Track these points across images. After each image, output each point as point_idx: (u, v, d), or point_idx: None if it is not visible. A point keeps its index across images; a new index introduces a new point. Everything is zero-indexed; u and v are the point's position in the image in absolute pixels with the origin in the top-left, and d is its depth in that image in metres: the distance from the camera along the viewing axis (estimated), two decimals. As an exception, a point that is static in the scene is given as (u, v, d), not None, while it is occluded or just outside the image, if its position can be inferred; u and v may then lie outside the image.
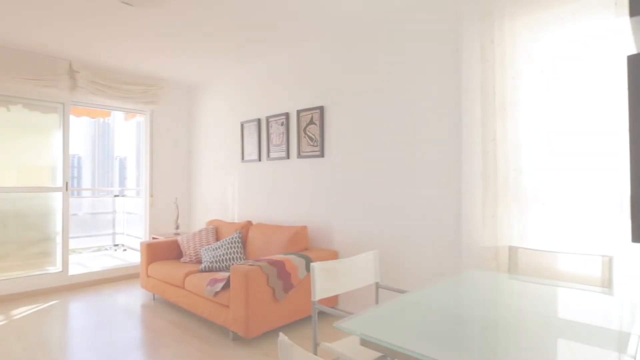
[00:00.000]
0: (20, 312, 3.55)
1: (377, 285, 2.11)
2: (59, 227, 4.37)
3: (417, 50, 2.89)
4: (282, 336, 0.87)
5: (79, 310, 3.60)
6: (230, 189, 4.71)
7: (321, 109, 3.57)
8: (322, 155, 3.57)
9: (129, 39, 3.61)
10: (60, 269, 4.33)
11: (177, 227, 4.78)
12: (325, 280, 1.80)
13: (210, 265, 3.48)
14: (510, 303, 1.56)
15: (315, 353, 1.75)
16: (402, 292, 1.94)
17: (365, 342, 1.15)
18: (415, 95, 2.91)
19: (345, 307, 3.40)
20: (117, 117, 5.40)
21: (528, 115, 2.27)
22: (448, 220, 2.71)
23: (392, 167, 3.05)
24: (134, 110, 5.02)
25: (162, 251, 4.01)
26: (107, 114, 5.05)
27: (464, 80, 2.55)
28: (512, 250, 2.18)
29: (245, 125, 4.47)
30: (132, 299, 3.94)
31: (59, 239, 4.37)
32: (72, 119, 4.49)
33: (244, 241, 3.85)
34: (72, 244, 4.60)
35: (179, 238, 4.10)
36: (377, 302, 2.13)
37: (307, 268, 3.07)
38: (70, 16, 3.12)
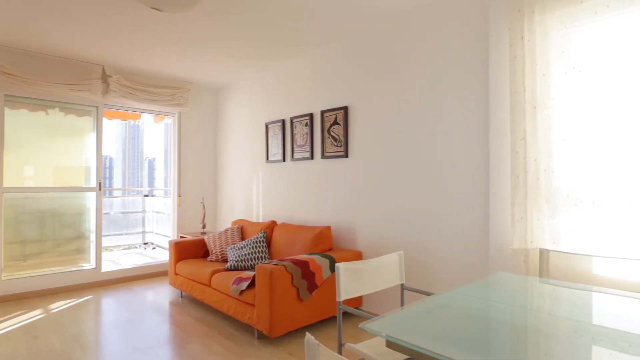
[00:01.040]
0: (57, 306, 3.72)
1: (402, 287, 2.08)
2: (92, 226, 4.55)
3: (444, 48, 2.84)
4: (308, 336, 0.87)
5: (111, 306, 3.73)
6: (255, 189, 4.77)
7: (345, 109, 3.57)
8: (346, 155, 3.56)
9: (158, 44, 3.73)
10: (94, 266, 4.51)
11: (204, 227, 4.88)
12: (350, 281, 1.80)
13: (235, 264, 3.54)
14: (541, 307, 1.51)
15: (340, 353, 1.75)
16: (427, 294, 1.91)
17: (391, 344, 1.14)
18: (441, 94, 2.86)
19: (368, 308, 3.38)
20: (147, 119, 5.57)
21: (560, 113, 2.19)
22: (475, 222, 2.65)
23: (417, 167, 3.01)
24: (162, 112, 5.17)
25: (190, 250, 4.11)
26: (137, 116, 5.22)
27: (492, 77, 2.48)
28: (543, 253, 2.10)
29: (269, 126, 4.52)
30: (160, 296, 4.06)
31: (92, 237, 4.56)
32: (105, 121, 4.66)
33: (268, 241, 3.90)
34: (104, 242, 4.79)
35: (205, 237, 4.19)
36: (402, 304, 2.11)
37: (331, 268, 3.08)
38: (104, 23, 3.24)
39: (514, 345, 1.15)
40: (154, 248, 7.14)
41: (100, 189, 4.55)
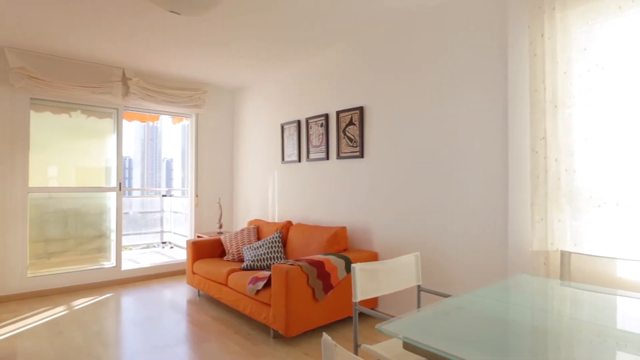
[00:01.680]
0: (79, 303, 3.83)
1: (419, 288, 2.06)
2: (112, 225, 4.66)
3: (462, 46, 2.81)
4: (325, 336, 0.87)
5: (131, 304, 3.82)
6: (271, 190, 4.81)
7: (361, 109, 3.56)
8: (361, 155, 3.55)
9: (175, 46, 3.79)
10: (114, 264, 4.62)
11: (220, 227, 4.94)
12: (366, 282, 1.79)
13: (251, 264, 3.57)
14: (562, 311, 1.48)
15: (356, 354, 1.75)
16: (444, 295, 1.89)
17: (408, 346, 1.13)
18: (458, 93, 2.82)
19: (384, 309, 3.36)
20: (165, 120, 5.67)
21: (582, 112, 2.13)
22: (494, 223, 2.61)
23: (434, 167, 2.98)
24: (180, 114, 5.26)
25: (207, 249, 4.16)
26: (156, 117, 5.32)
27: (511, 76, 2.44)
28: (565, 255, 2.06)
29: (285, 126, 4.54)
30: (178, 295, 4.13)
31: (113, 236, 4.67)
32: (124, 123, 4.77)
33: (284, 241, 3.92)
34: (124, 240, 4.89)
35: (222, 237, 4.24)
36: (418, 306, 2.09)
37: (347, 269, 3.07)
38: (124, 27, 3.32)
39: (534, 348, 1.13)
40: (171, 247, 7.26)
41: (120, 189, 4.65)
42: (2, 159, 3.87)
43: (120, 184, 4.65)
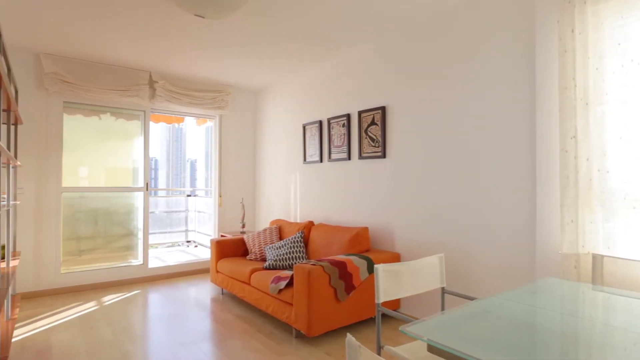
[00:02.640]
0: (109, 299, 3.96)
1: (443, 290, 2.03)
2: (140, 224, 4.80)
3: (487, 43, 2.75)
4: (349, 337, 0.87)
5: (157, 300, 3.92)
6: (293, 190, 4.84)
7: (383, 109, 3.53)
8: (383, 156, 3.53)
9: (200, 49, 3.87)
10: (141, 262, 4.75)
11: (243, 226, 5.01)
12: (390, 283, 1.78)
13: (274, 264, 3.61)
14: (594, 316, 1.42)
15: (378, 356, 1.74)
16: (470, 298, 1.86)
17: (432, 349, 1.12)
18: (484, 91, 2.76)
19: (407, 310, 3.33)
20: (189, 122, 5.80)
21: (615, 109, 2.05)
22: (520, 224, 2.54)
23: (458, 167, 2.93)
24: (204, 115, 5.36)
25: (230, 248, 4.23)
26: (181, 119, 5.45)
27: (539, 73, 2.37)
28: (597, 258, 1.98)
29: (307, 127, 4.56)
30: (202, 293, 4.21)
31: (140, 235, 4.81)
32: (151, 124, 4.90)
33: (305, 241, 3.94)
34: (150, 239, 5.03)
35: (245, 236, 4.30)
36: (442, 308, 2.06)
37: (369, 270, 3.06)
38: (150, 32, 3.41)
39: (564, 355, 1.09)
40: (196, 246, 7.41)
41: (147, 189, 4.78)
42: (39, 160, 4.05)
43: (147, 184, 4.78)
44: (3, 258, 3.00)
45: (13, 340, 2.90)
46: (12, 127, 3.27)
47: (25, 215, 3.99)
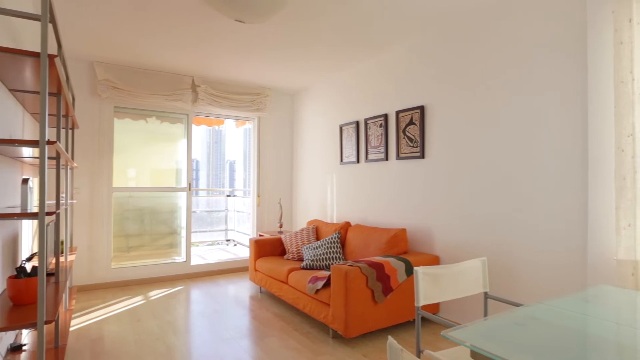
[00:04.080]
0: (154, 294, 4.15)
1: (486, 295, 1.96)
2: (183, 222, 5.00)
3: (532, 38, 2.62)
4: (391, 340, 0.87)
5: (199, 297, 4.07)
6: (329, 190, 4.85)
7: (421, 108, 3.47)
8: (422, 156, 3.46)
9: (239, 53, 3.98)
10: (184, 259, 4.95)
11: (281, 226, 5.09)
12: (429, 286, 1.74)
13: (311, 264, 3.63)
14: (656, 328, 1.32)
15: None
16: (515, 304, 1.79)
17: (476, 355, 1.08)
18: (530, 88, 2.64)
19: (446, 315, 3.24)
20: (229, 124, 5.97)
21: (680, 105, 1.89)
22: (570, 228, 2.40)
23: (503, 168, 2.81)
24: (243, 117, 5.50)
25: (268, 248, 4.31)
26: (221, 122, 5.62)
27: (592, 67, 2.23)
28: (658, 265, 1.83)
29: (343, 128, 4.56)
30: (241, 290, 4.32)
31: (183, 233, 5.01)
32: (193, 127, 5.09)
33: (342, 241, 3.93)
34: (192, 237, 5.22)
35: (282, 236, 4.36)
36: (485, 314, 1.99)
37: (407, 272, 3.01)
38: (192, 38, 3.55)
39: (622, 368, 1.03)
40: (235, 245, 7.61)
41: (190, 189, 4.97)
42: (92, 162, 4.32)
43: (189, 184, 4.97)
44: (62, 253, 3.23)
45: (70, 329, 3.11)
46: (70, 132, 3.51)
47: (80, 213, 4.27)
